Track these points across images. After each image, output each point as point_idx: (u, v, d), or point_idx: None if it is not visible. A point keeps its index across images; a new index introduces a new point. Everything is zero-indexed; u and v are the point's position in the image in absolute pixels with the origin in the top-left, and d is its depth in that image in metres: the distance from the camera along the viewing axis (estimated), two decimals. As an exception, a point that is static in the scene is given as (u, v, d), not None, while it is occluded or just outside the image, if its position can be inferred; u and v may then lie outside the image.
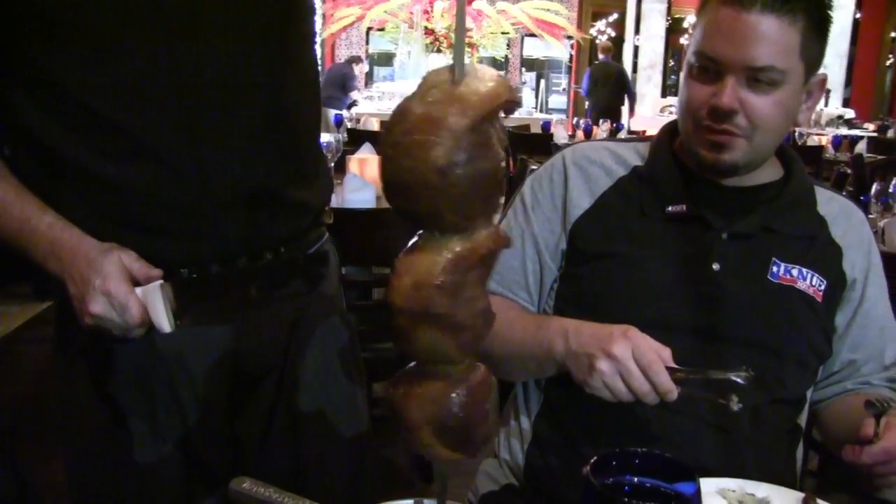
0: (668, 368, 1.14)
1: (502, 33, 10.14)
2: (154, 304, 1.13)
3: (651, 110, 14.53)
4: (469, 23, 9.93)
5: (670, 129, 1.44)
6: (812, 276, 1.35)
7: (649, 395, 1.14)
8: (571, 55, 17.45)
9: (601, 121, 8.33)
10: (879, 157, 7.08)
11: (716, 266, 1.33)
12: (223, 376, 1.33)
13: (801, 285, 1.35)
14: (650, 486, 0.75)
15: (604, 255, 1.38)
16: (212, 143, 1.20)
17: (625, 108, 12.33)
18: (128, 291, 1.11)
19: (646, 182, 1.41)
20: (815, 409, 1.45)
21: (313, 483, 1.39)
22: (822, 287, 1.36)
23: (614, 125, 8.34)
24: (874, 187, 3.02)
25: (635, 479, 0.76)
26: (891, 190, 3.02)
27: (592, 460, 0.75)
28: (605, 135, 7.76)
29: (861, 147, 7.36)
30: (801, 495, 1.12)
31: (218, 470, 1.36)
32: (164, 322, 1.14)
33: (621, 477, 0.76)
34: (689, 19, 16.92)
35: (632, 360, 1.14)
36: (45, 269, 1.16)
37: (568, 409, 1.37)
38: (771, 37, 1.23)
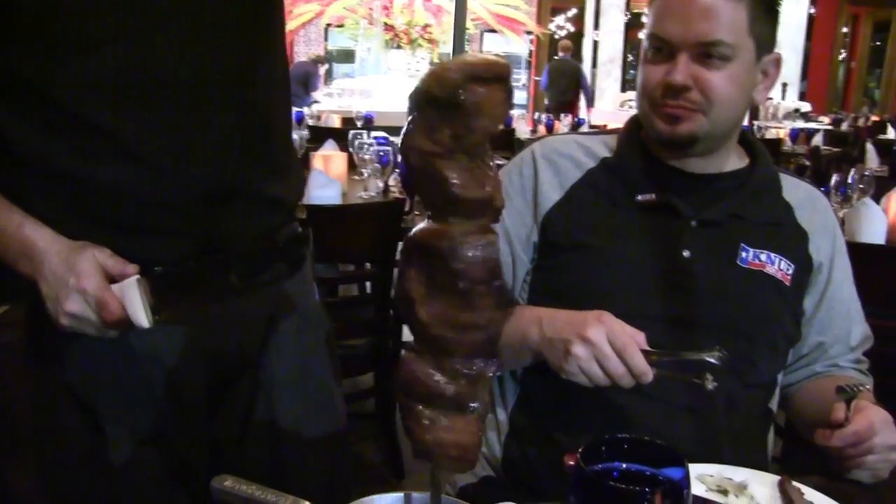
0: (643, 351, 1.15)
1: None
2: (131, 299, 1.10)
3: (611, 105, 14.62)
4: (429, 18, 9.93)
5: (636, 121, 1.47)
6: (780, 260, 1.38)
7: (625, 377, 1.16)
8: (531, 50, 17.51)
9: (563, 115, 8.38)
10: (835, 149, 7.22)
11: (686, 253, 1.35)
12: (199, 374, 1.31)
13: (770, 269, 1.38)
14: (639, 471, 0.76)
15: (575, 247, 1.40)
16: (184, 139, 1.18)
17: (582, 104, 12.48)
18: (104, 288, 1.09)
19: (615, 173, 1.43)
20: (785, 392, 1.48)
21: (291, 479, 1.38)
22: (791, 271, 1.39)
23: (576, 120, 8.38)
24: (833, 179, 3.08)
25: (623, 465, 0.77)
26: (849, 181, 3.08)
27: (581, 447, 0.75)
28: (567, 129, 7.81)
29: (818, 140, 7.48)
30: (776, 478, 1.14)
31: (196, 469, 1.35)
32: (142, 317, 1.11)
33: (610, 463, 0.77)
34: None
35: (607, 343, 1.16)
36: (17, 270, 1.13)
37: (544, 400, 1.38)
38: (718, 12, 1.28)
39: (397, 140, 1.40)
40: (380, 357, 2.97)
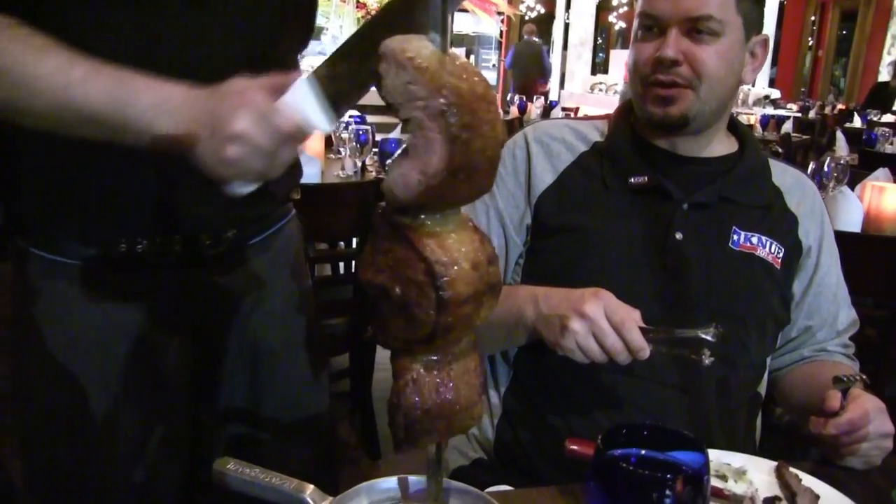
0: (639, 328, 1.15)
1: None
2: (304, 98, 0.90)
3: (581, 87, 14.67)
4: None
5: (627, 107, 1.48)
6: (771, 243, 1.40)
7: (622, 353, 1.15)
8: (502, 31, 17.48)
9: (535, 97, 8.39)
10: (804, 136, 7.31)
11: (678, 235, 1.36)
12: (185, 350, 1.30)
13: (761, 252, 1.39)
14: (658, 457, 0.76)
15: (568, 229, 1.40)
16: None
17: (555, 85, 12.55)
18: (270, 96, 0.90)
19: (607, 156, 1.44)
20: (773, 377, 1.50)
21: (275, 459, 1.38)
22: (781, 254, 1.41)
23: (549, 102, 8.40)
24: (811, 166, 3.11)
25: (643, 452, 0.77)
26: (825, 169, 3.11)
27: (602, 433, 0.75)
28: (539, 111, 7.83)
29: (787, 127, 7.56)
30: (773, 464, 1.15)
31: (180, 447, 1.34)
32: (321, 117, 0.91)
33: (629, 449, 0.77)
34: (619, -2, 17.10)
35: (604, 318, 1.16)
36: (149, 132, 0.94)
37: (537, 382, 1.39)
38: None
39: (372, 119, 1.39)
40: (356, 337, 2.96)
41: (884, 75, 15.74)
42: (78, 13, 1.06)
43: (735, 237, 1.39)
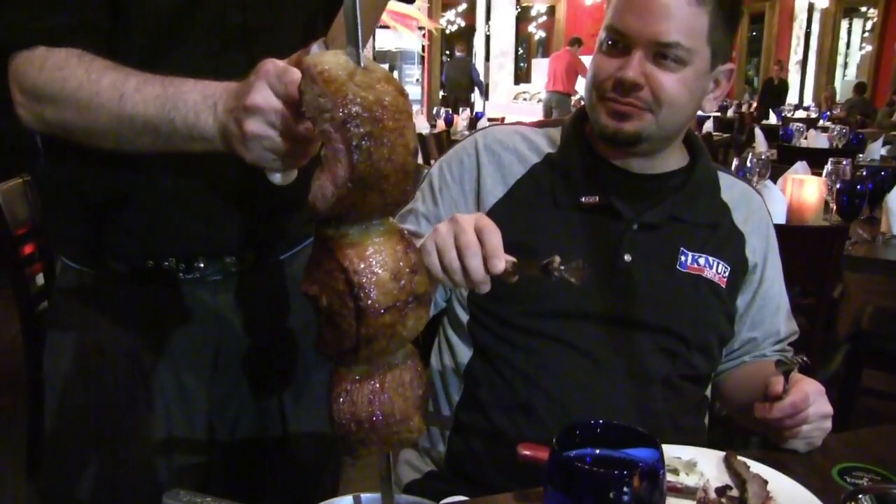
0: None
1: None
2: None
3: (505, 97, 14.82)
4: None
5: (580, 115, 1.45)
6: (717, 263, 1.40)
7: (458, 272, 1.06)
8: (424, 45, 17.53)
9: (461, 110, 8.46)
10: (724, 135, 7.52)
11: (627, 257, 1.36)
12: (206, 363, 1.32)
13: (708, 273, 1.39)
14: (612, 455, 0.77)
15: (516, 246, 1.37)
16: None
17: (477, 97, 12.92)
18: (273, 98, 0.87)
19: (558, 171, 1.41)
20: (714, 381, 1.51)
21: (274, 471, 1.43)
22: (727, 273, 1.41)
23: (474, 114, 8.46)
24: (734, 163, 3.20)
25: (597, 451, 0.77)
26: (748, 164, 3.21)
27: (557, 434, 0.75)
28: (465, 123, 7.86)
29: (709, 126, 7.75)
30: (722, 454, 1.17)
31: (199, 454, 1.37)
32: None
33: (583, 449, 0.77)
34: (537, 7, 17.36)
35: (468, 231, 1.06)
36: (196, 133, 0.96)
37: (489, 394, 1.38)
38: (679, 15, 1.27)
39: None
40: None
41: (793, 73, 16.35)
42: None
43: (682, 258, 1.38)
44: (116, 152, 1.07)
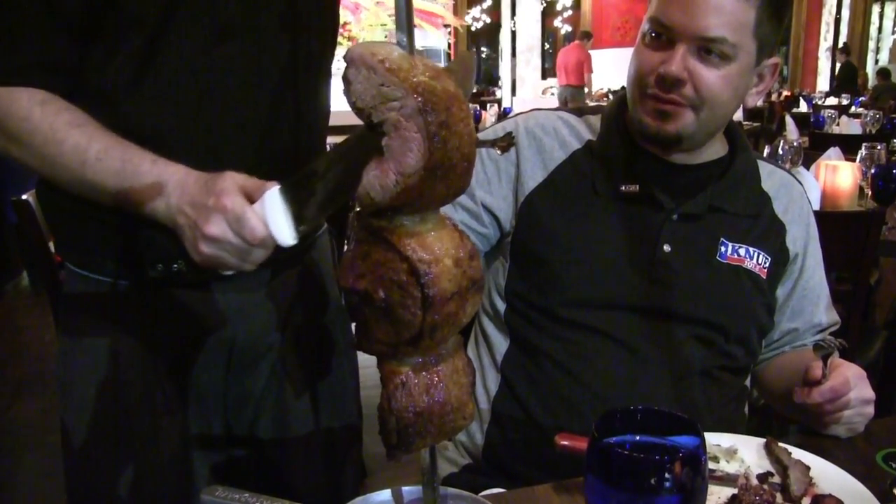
0: None
1: (381, 25, 10.10)
2: (273, 212, 0.96)
3: (532, 92, 14.75)
4: (348, 16, 9.86)
5: (621, 102, 1.43)
6: (758, 254, 1.39)
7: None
8: (450, 43, 17.53)
9: (489, 105, 8.47)
10: (755, 123, 7.45)
11: (666, 248, 1.35)
12: (219, 363, 1.33)
13: (749, 264, 1.38)
14: (653, 442, 0.77)
15: (554, 232, 1.37)
16: (225, 138, 1.19)
17: (507, 92, 12.84)
18: (244, 204, 0.97)
19: (598, 159, 1.41)
20: (753, 371, 1.50)
21: (296, 469, 1.42)
22: (767, 264, 1.40)
23: (502, 109, 8.46)
24: (766, 150, 3.17)
25: (637, 437, 0.77)
26: (780, 152, 3.18)
27: (597, 420, 0.75)
28: (493, 119, 7.84)
29: (738, 115, 7.66)
30: (762, 441, 1.16)
31: (215, 454, 1.38)
32: (286, 231, 0.96)
33: (623, 436, 0.77)
34: (563, 1, 17.27)
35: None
36: (148, 212, 1.06)
37: (527, 385, 1.38)
38: (726, 9, 1.24)
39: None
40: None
41: (822, 60, 16.09)
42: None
43: (723, 249, 1.37)
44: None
